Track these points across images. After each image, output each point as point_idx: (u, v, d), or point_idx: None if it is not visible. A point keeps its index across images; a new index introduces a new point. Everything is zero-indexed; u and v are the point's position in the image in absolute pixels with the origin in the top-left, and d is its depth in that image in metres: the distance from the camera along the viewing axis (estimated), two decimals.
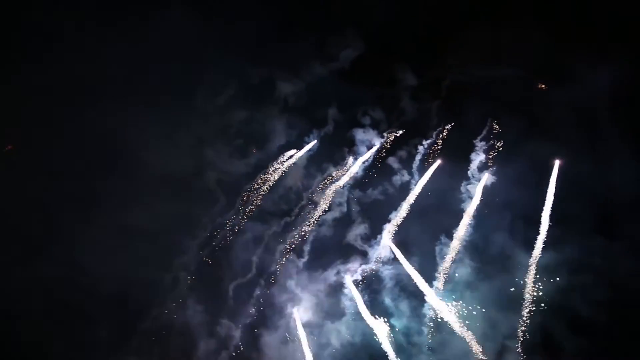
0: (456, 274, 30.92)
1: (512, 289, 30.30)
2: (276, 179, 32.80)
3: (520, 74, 32.22)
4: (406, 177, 32.59)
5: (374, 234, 32.02)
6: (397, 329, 30.32)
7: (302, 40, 31.95)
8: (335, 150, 33.06)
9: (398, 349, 29.88)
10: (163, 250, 31.49)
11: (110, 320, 30.36)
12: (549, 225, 31.43)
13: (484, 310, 29.95)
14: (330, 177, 32.95)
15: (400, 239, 31.82)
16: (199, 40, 31.20)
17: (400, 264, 31.24)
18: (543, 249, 30.88)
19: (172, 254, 31.92)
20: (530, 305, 29.94)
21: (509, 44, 31.86)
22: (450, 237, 31.47)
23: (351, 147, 32.99)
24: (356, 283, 31.40)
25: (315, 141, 33.12)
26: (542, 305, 29.82)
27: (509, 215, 31.50)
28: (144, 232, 30.82)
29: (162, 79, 31.06)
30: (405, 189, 32.45)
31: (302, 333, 30.62)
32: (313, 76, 32.33)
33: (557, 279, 29.95)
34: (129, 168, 30.81)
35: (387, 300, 31.03)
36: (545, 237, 31.30)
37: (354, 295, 31.03)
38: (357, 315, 30.77)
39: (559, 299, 29.71)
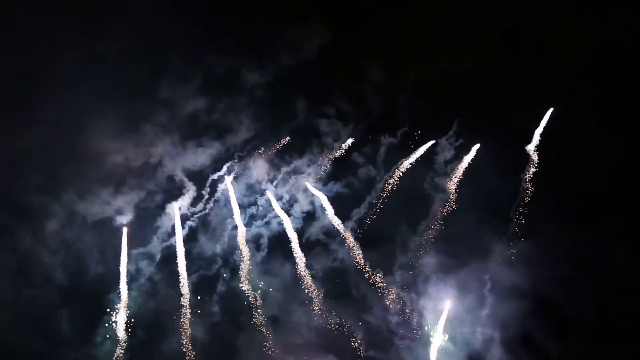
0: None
1: None
2: (242, 169, 32.51)
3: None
4: (372, 172, 32.53)
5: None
6: None
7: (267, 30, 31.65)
8: (302, 142, 32.80)
9: None
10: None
11: (72, 313, 29.87)
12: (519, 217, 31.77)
13: None
14: (296, 170, 32.80)
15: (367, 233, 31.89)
16: (162, 29, 30.70)
17: None
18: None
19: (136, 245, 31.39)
20: None
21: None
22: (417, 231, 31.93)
23: (318, 140, 32.83)
24: None
25: (288, 137, 32.81)
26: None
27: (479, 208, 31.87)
28: (106, 222, 30.72)
29: (123, 68, 30.47)
30: (371, 183, 32.46)
31: None
32: (279, 67, 31.95)
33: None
34: (89, 158, 30.31)
35: None
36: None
37: None
38: None
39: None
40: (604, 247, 30.15)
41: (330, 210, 31.94)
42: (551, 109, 32.56)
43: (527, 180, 32.52)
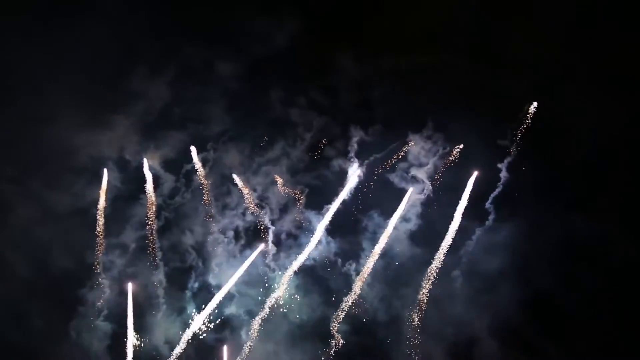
0: None
1: None
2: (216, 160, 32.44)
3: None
4: (345, 164, 32.28)
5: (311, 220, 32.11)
6: None
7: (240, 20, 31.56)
8: (275, 134, 32.57)
9: None
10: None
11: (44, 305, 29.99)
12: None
13: None
14: (269, 161, 32.62)
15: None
16: (134, 20, 30.54)
17: None
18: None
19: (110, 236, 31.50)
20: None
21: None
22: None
23: (291, 131, 32.55)
24: None
25: (261, 129, 32.67)
26: None
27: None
28: (81, 213, 30.82)
29: (95, 59, 30.56)
30: (344, 177, 32.28)
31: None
32: (252, 58, 31.72)
33: None
34: (60, 151, 30.38)
35: None
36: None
37: None
38: None
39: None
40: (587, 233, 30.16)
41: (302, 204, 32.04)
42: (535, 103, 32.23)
43: (507, 169, 32.28)
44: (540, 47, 31.17)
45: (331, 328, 30.84)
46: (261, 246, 31.66)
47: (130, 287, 30.70)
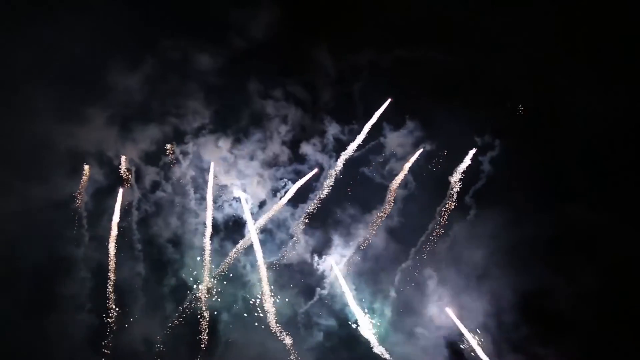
0: None
1: None
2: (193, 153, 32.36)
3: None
4: (322, 158, 32.30)
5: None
6: None
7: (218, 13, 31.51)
8: (253, 127, 32.58)
9: None
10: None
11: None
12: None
13: None
14: (248, 154, 32.56)
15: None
16: (110, 14, 30.57)
17: None
18: None
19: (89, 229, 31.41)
20: None
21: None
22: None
23: (269, 124, 32.53)
24: None
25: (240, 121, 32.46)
26: None
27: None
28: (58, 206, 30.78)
29: (73, 52, 30.36)
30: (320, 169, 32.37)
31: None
32: (230, 51, 31.56)
33: None
34: (38, 144, 30.25)
35: None
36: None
37: None
38: None
39: None
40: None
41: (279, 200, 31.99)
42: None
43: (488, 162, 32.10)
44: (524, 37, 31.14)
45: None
46: (242, 241, 31.54)
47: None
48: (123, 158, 31.68)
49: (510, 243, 30.27)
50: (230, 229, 32.06)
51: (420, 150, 32.04)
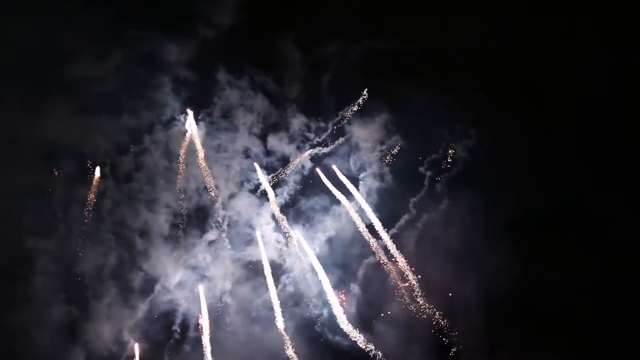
0: None
1: None
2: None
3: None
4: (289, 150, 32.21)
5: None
6: None
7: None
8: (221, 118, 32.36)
9: None
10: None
11: None
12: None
13: None
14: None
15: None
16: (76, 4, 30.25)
17: None
18: None
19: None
20: None
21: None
22: None
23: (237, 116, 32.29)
24: None
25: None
26: None
27: None
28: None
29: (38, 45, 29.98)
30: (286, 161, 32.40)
31: None
32: (197, 41, 31.34)
33: None
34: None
35: None
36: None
37: None
38: None
39: None
40: None
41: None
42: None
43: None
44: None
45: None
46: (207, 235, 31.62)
47: None
48: (91, 149, 31.61)
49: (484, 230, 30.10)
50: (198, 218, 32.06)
51: (392, 142, 31.88)
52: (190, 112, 31.92)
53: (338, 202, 31.58)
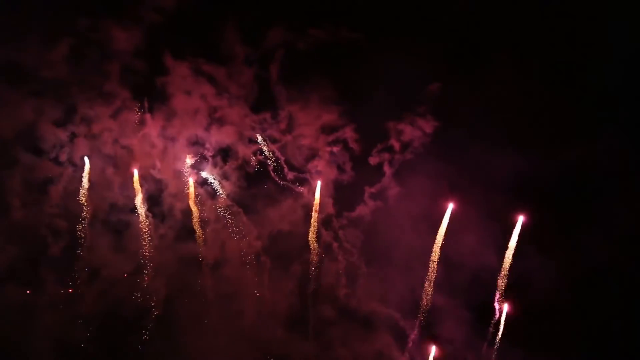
0: None
1: None
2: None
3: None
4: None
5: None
6: None
7: None
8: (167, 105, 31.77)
9: None
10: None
11: None
12: None
13: None
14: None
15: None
16: None
17: None
18: None
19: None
20: None
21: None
22: None
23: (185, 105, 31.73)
24: None
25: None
26: None
27: None
28: None
29: None
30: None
31: None
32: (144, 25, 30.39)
33: None
34: None
35: None
36: None
37: None
38: None
39: None
40: None
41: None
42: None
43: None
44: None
45: None
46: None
47: None
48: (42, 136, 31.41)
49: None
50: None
51: (343, 132, 31.48)
52: None
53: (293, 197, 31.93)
